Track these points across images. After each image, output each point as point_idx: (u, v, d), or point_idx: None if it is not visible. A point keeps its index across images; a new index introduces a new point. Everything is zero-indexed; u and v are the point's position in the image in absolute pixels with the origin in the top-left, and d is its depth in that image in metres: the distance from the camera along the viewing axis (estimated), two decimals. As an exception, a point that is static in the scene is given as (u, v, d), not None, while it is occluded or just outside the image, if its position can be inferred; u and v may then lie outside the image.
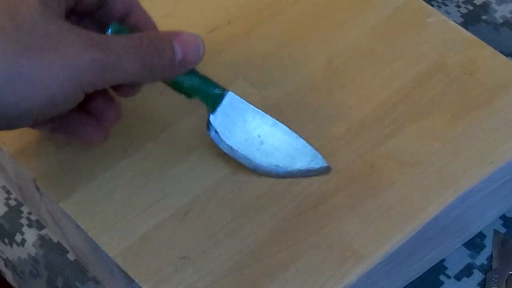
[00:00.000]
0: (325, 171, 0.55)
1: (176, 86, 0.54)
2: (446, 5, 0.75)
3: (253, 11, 0.64)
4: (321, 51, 0.62)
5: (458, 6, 0.75)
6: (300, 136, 0.56)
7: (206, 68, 0.60)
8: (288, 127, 0.56)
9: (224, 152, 0.55)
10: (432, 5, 0.73)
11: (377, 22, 0.63)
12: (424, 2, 0.65)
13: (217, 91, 0.54)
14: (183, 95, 0.54)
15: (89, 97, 0.53)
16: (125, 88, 0.54)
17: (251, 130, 0.55)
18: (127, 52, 0.49)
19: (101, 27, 0.54)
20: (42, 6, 0.48)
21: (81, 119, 0.54)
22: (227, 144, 0.55)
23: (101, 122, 0.54)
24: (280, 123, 0.56)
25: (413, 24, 0.63)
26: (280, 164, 0.55)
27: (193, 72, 0.53)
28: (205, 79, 0.54)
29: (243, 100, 0.55)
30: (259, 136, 0.55)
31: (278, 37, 0.62)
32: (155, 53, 0.50)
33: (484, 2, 0.75)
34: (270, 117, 0.56)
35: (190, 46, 0.52)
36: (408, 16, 0.64)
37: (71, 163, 0.56)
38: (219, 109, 0.55)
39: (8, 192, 0.65)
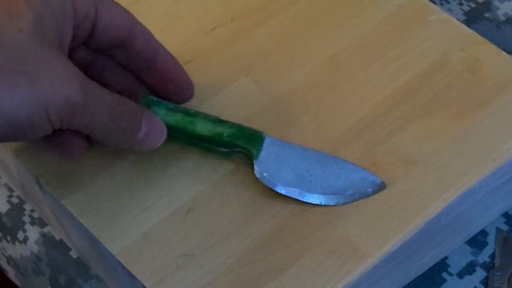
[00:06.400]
0: (380, 188, 0.55)
1: (217, 137, 0.54)
2: (448, 2, 0.75)
3: (255, 8, 0.64)
4: (323, 49, 0.62)
5: (461, 4, 0.75)
6: (346, 160, 0.55)
7: (209, 66, 0.60)
8: (319, 150, 0.56)
9: (276, 191, 0.54)
10: (435, 3, 0.73)
11: (380, 20, 0.63)
12: (426, 0, 0.65)
13: (257, 133, 0.55)
14: (222, 149, 0.55)
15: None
16: (72, 145, 0.52)
17: (299, 165, 0.55)
18: (103, 106, 0.49)
19: (121, 72, 0.54)
20: (36, 33, 0.46)
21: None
22: (278, 184, 0.54)
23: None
24: (323, 153, 0.55)
25: (415, 22, 0.63)
26: (334, 194, 0.54)
27: (229, 123, 0.55)
28: (241, 127, 0.55)
29: (280, 140, 0.55)
30: (308, 170, 0.55)
31: (280, 35, 0.62)
32: (124, 120, 0.50)
33: (487, -1, 0.75)
34: (311, 150, 0.55)
35: (154, 131, 0.52)
36: (411, 13, 0.64)
37: (73, 161, 0.55)
38: (263, 153, 0.54)
39: (10, 189, 0.65)
